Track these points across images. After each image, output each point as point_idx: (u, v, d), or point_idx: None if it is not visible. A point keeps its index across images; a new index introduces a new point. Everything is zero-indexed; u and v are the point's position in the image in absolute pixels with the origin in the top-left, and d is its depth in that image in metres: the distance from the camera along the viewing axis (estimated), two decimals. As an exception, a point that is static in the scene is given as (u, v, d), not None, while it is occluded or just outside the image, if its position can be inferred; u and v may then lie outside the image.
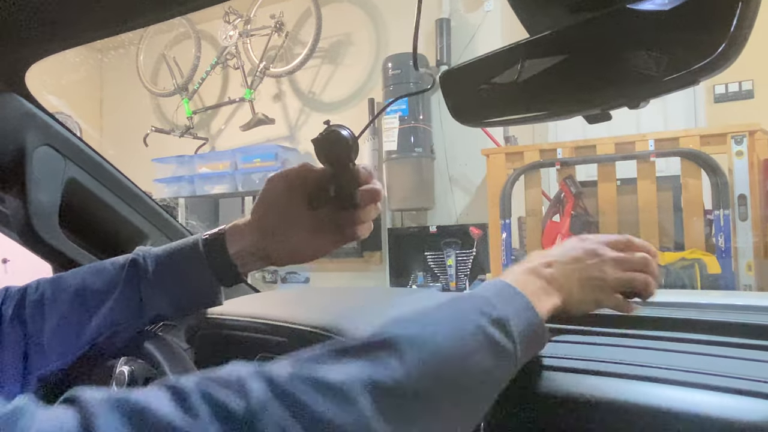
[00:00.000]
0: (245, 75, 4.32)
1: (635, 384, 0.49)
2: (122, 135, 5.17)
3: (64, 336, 0.58)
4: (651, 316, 0.74)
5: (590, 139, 2.94)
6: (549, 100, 0.40)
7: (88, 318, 0.59)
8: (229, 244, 0.60)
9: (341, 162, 0.57)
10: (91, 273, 0.61)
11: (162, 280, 0.60)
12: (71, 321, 0.58)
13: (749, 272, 2.49)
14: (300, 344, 0.77)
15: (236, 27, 4.33)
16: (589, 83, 0.38)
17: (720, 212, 2.54)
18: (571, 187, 2.85)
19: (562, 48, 0.39)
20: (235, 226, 0.61)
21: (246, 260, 0.61)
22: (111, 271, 0.61)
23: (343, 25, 4.28)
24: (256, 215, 0.61)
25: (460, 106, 0.47)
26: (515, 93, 0.42)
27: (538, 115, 0.42)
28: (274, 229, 0.60)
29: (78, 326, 0.59)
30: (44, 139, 0.78)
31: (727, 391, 0.46)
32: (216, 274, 0.60)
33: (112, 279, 0.60)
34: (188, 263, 0.60)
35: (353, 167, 0.57)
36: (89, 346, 0.60)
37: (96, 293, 0.59)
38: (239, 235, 0.61)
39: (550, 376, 0.53)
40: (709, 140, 2.64)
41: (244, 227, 0.61)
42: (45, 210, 0.78)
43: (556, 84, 0.39)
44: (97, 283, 0.60)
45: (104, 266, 0.62)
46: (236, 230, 0.61)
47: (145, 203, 0.90)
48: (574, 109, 0.39)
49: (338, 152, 0.56)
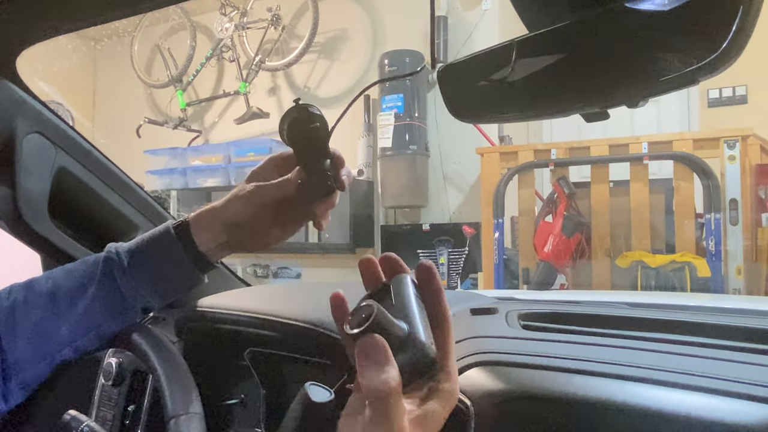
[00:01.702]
0: (240, 68, 4.30)
1: (623, 384, 0.49)
2: (115, 125, 5.13)
3: (41, 340, 0.57)
4: (639, 317, 0.74)
5: (584, 141, 2.95)
6: (547, 97, 0.40)
7: (64, 320, 0.58)
8: (193, 233, 0.61)
9: (318, 144, 0.53)
10: (63, 275, 0.61)
11: (141, 272, 0.60)
12: (46, 325, 0.58)
13: (738, 276, 2.50)
14: (290, 339, 0.77)
15: (232, 19, 4.30)
16: (587, 81, 0.37)
17: (711, 216, 2.56)
18: (564, 188, 2.86)
19: (562, 45, 0.38)
20: (198, 217, 0.62)
21: (211, 249, 0.62)
22: (83, 270, 0.61)
23: (340, 21, 4.26)
24: (225, 211, 0.61)
25: (457, 101, 0.46)
26: (513, 89, 0.42)
27: (536, 113, 0.41)
28: (239, 223, 0.60)
29: (54, 329, 0.58)
30: (35, 127, 0.77)
31: (713, 393, 0.46)
32: (191, 258, 0.61)
33: (84, 278, 0.60)
34: (164, 250, 0.60)
35: (328, 149, 0.54)
36: (73, 347, 0.59)
37: (69, 294, 0.59)
38: (202, 227, 0.61)
39: (539, 375, 0.52)
40: (702, 144, 2.65)
41: (207, 219, 0.61)
42: (34, 199, 0.76)
43: (555, 81, 0.39)
44: (69, 284, 0.60)
45: (75, 267, 0.62)
46: (200, 221, 0.61)
47: (136, 194, 0.89)
48: (572, 106, 0.39)
49: (313, 133, 0.52)
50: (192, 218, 0.62)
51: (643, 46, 0.34)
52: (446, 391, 0.38)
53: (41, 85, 3.74)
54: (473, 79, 0.45)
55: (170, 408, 0.50)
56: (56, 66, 4.95)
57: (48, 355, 0.58)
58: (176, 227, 0.61)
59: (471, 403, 0.52)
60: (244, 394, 0.88)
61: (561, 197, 2.88)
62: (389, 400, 0.34)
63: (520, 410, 0.51)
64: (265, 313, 0.79)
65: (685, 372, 0.49)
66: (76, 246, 0.82)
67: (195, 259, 0.61)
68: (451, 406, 0.38)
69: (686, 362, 0.52)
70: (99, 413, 0.90)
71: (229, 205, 0.60)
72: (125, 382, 0.87)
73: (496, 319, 0.73)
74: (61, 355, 0.58)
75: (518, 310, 0.78)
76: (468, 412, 0.52)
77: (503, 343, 0.61)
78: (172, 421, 0.50)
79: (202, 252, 0.61)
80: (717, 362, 0.52)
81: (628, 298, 1.01)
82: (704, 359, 0.53)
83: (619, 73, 0.35)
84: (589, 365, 0.52)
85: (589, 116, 0.40)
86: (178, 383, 0.54)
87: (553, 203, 2.95)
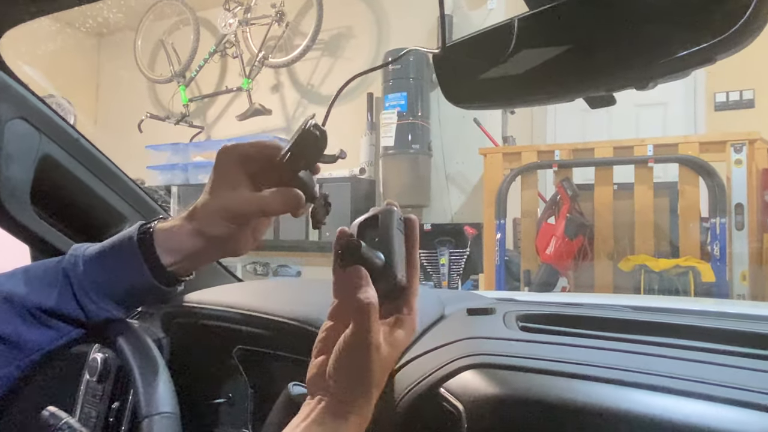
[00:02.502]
0: (243, 64, 4.28)
1: (627, 391, 0.46)
2: (117, 120, 5.11)
3: (5, 344, 0.53)
4: (643, 320, 0.71)
5: (588, 142, 2.92)
6: (550, 79, 0.37)
7: (25, 328, 0.54)
8: (157, 247, 0.54)
9: (313, 161, 0.51)
10: (23, 280, 0.56)
11: (98, 281, 0.55)
12: (3, 331, 0.53)
13: (743, 282, 2.47)
14: (279, 336, 0.74)
15: (236, 15, 4.28)
16: (594, 61, 0.34)
17: (716, 220, 2.53)
18: (567, 190, 2.83)
19: (566, 22, 0.35)
20: (165, 232, 0.55)
21: (176, 264, 0.55)
22: (41, 277, 0.56)
23: (345, 18, 4.23)
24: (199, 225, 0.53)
25: (454, 85, 0.43)
26: (514, 72, 0.38)
27: (538, 97, 0.38)
28: (215, 236, 0.53)
29: (13, 336, 0.53)
30: (18, 112, 0.74)
31: (720, 401, 0.43)
32: (153, 274, 0.54)
33: (44, 286, 0.55)
34: (123, 261, 0.54)
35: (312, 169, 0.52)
36: (42, 353, 0.55)
37: (27, 302, 0.54)
38: (168, 241, 0.55)
39: (538, 379, 0.49)
40: (708, 147, 2.62)
41: (176, 233, 0.54)
42: (16, 186, 0.74)
43: (559, 62, 0.36)
44: (28, 291, 0.55)
45: (36, 273, 0.57)
46: (166, 235, 0.55)
47: (123, 183, 0.86)
48: (577, 89, 0.36)
49: (316, 152, 0.50)
50: (158, 232, 0.55)
51: (655, 21, 0.31)
52: (408, 322, 0.48)
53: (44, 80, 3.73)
54: (471, 61, 0.42)
55: (144, 407, 0.48)
56: (60, 60, 4.94)
57: (14, 360, 0.54)
58: (140, 236, 0.55)
59: (463, 408, 0.49)
60: (231, 393, 0.85)
61: (564, 199, 2.85)
62: (370, 313, 0.43)
63: (516, 416, 0.47)
64: (253, 309, 0.76)
65: (692, 379, 0.46)
66: (60, 237, 0.80)
67: (158, 275, 0.55)
68: (410, 337, 0.48)
69: (692, 368, 0.49)
70: (83, 410, 0.87)
71: (202, 220, 0.53)
72: (110, 378, 0.85)
73: (494, 320, 0.70)
74: (30, 359, 0.55)
75: (517, 311, 0.75)
76: (460, 417, 0.49)
77: (500, 345, 0.58)
78: (145, 421, 0.47)
79: (168, 269, 0.55)
80: (722, 369, 0.50)
81: (630, 302, 0.98)
82: (711, 365, 0.51)
83: (629, 52, 0.32)
84: (591, 370, 0.49)
85: (593, 101, 0.37)
86: (153, 381, 0.51)
87: (556, 205, 2.92)
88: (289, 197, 0.50)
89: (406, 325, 0.48)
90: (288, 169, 0.50)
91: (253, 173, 0.53)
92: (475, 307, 0.75)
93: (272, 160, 0.51)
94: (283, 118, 4.51)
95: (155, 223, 0.56)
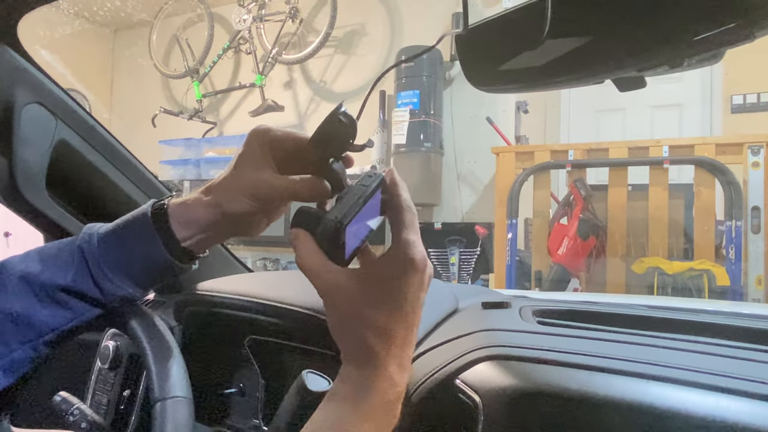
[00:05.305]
0: (257, 60, 4.28)
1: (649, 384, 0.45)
2: (131, 114, 5.14)
3: (20, 325, 0.53)
4: (659, 317, 0.69)
5: (603, 142, 2.88)
6: (578, 60, 0.36)
7: (40, 308, 0.53)
8: (173, 224, 0.54)
9: (341, 150, 0.50)
10: (37, 259, 0.55)
11: (114, 259, 0.54)
12: (18, 310, 0.53)
13: (759, 286, 2.43)
14: (291, 325, 0.73)
15: (250, 11, 4.29)
16: (625, 39, 0.33)
17: (732, 223, 2.49)
18: (580, 190, 2.80)
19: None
20: (181, 208, 0.54)
21: (192, 242, 0.55)
22: (56, 255, 0.55)
23: (358, 15, 4.23)
24: (218, 197, 0.54)
25: (476, 68, 0.42)
26: (544, 53, 0.37)
27: (565, 79, 0.37)
28: (230, 210, 0.53)
29: (28, 316, 0.53)
30: (35, 97, 0.74)
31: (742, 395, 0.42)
32: (169, 250, 0.54)
33: (59, 265, 0.54)
34: (139, 237, 0.54)
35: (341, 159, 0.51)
36: (57, 333, 0.55)
37: (43, 281, 0.54)
38: (184, 218, 0.54)
39: (557, 372, 0.48)
40: (724, 149, 2.58)
41: (193, 210, 0.54)
42: (31, 170, 0.74)
43: (587, 41, 0.35)
44: (43, 270, 0.54)
45: (50, 252, 0.56)
46: (181, 212, 0.54)
47: (138, 171, 0.86)
48: (607, 70, 0.35)
49: (344, 140, 0.50)
50: (173, 207, 0.55)
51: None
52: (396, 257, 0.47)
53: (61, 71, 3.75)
54: (494, 43, 0.41)
55: (157, 391, 0.47)
56: (75, 53, 4.98)
57: (29, 339, 0.54)
58: (154, 212, 0.54)
59: (480, 400, 0.48)
60: (243, 383, 0.85)
61: (577, 199, 2.82)
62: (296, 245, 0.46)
63: (535, 409, 0.46)
64: (265, 298, 0.75)
65: (715, 373, 0.45)
66: (74, 222, 0.79)
67: (173, 251, 0.54)
68: (404, 271, 0.46)
69: (714, 362, 0.48)
70: (95, 397, 0.87)
71: (221, 194, 0.53)
72: (122, 366, 0.84)
73: (510, 314, 0.69)
74: (44, 339, 0.54)
75: (533, 305, 0.73)
76: (476, 408, 0.48)
77: (517, 337, 0.57)
78: (158, 405, 0.46)
79: (182, 245, 0.54)
80: (743, 363, 0.48)
81: (644, 302, 0.97)
82: (731, 359, 0.49)
83: (664, 27, 0.30)
84: (612, 363, 0.47)
85: (623, 83, 0.36)
86: (166, 365, 0.50)
87: (569, 205, 2.89)
88: (319, 186, 0.51)
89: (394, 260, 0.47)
90: (319, 157, 0.50)
91: (279, 159, 0.53)
92: (490, 301, 0.74)
93: (300, 150, 0.52)
94: (296, 114, 4.51)
95: (169, 199, 0.55)
